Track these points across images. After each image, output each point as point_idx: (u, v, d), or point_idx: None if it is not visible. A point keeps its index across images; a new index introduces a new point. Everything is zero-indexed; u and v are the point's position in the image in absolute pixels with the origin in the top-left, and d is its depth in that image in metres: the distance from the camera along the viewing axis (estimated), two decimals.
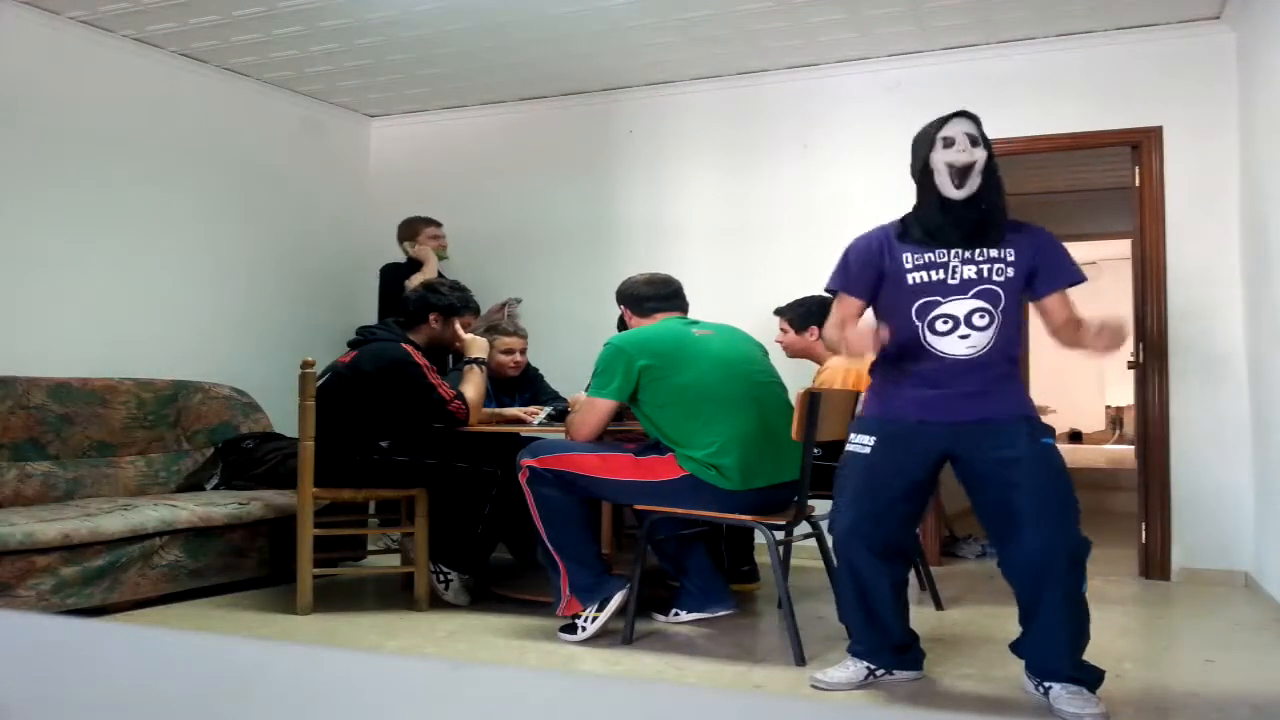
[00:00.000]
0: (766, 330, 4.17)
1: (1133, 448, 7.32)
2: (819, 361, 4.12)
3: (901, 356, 2.70)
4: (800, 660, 3.07)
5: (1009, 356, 2.68)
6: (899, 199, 5.00)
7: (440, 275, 4.74)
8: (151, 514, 3.78)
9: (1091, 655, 3.25)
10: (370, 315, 5.27)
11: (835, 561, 2.84)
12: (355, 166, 6.20)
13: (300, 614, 3.71)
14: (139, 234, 4.91)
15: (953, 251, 2.67)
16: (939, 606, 3.90)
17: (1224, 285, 4.50)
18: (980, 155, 2.64)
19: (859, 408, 2.95)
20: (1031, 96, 4.81)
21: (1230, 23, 4.45)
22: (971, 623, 3.70)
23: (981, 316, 2.63)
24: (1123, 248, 8.20)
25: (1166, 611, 4.05)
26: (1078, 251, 12.03)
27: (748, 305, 4.73)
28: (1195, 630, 3.73)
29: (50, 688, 0.51)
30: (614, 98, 5.64)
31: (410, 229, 5.23)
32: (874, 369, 2.84)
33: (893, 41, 4.85)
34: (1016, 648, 2.77)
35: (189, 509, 3.92)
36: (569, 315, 5.52)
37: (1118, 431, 11.45)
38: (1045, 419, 2.78)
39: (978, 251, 2.66)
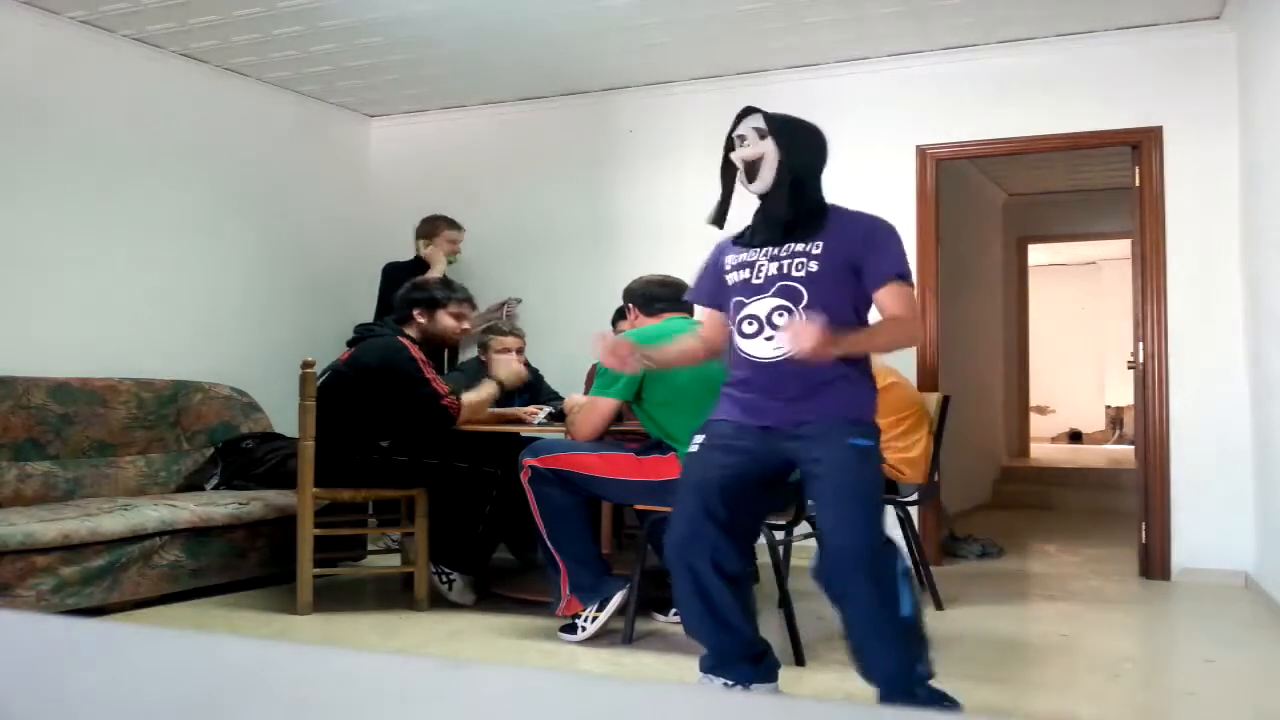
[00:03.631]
0: None
1: (1133, 448, 7.32)
2: None
3: (730, 362, 2.57)
4: (800, 660, 3.07)
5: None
6: (899, 199, 5.02)
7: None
8: (151, 514, 3.78)
9: (1093, 655, 3.26)
10: (370, 315, 5.27)
11: (671, 570, 2.57)
12: (355, 166, 6.20)
13: (300, 614, 3.71)
14: (139, 233, 4.91)
15: (764, 250, 2.52)
16: (939, 606, 3.90)
17: (1224, 285, 4.50)
18: (767, 147, 2.49)
19: None
20: (1031, 96, 4.81)
21: (1230, 23, 4.45)
22: (971, 623, 3.70)
23: (781, 315, 2.43)
24: (1123, 248, 8.22)
25: (1166, 611, 4.05)
26: (1078, 251, 12.04)
27: None
28: (1195, 630, 3.73)
29: (50, 688, 0.51)
30: (614, 98, 5.64)
31: (430, 227, 5.20)
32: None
33: (893, 41, 4.85)
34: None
35: (189, 509, 3.92)
36: (569, 315, 5.52)
37: (1118, 431, 11.44)
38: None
39: (785, 247, 2.49)
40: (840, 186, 5.11)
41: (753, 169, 2.51)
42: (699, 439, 2.57)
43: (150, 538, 3.74)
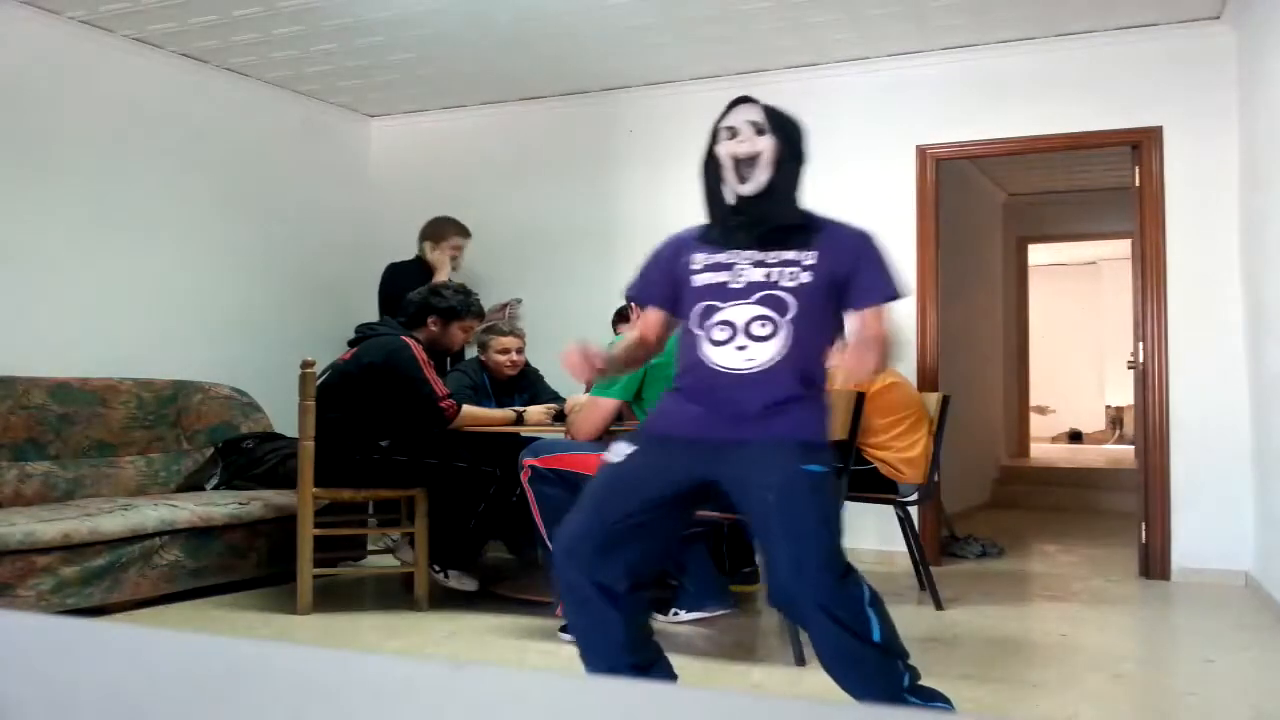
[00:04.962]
0: None
1: (1133, 448, 7.33)
2: None
3: (684, 369, 2.36)
4: (800, 660, 3.07)
5: (802, 376, 2.24)
6: (899, 199, 5.02)
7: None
8: (151, 514, 3.78)
9: (1093, 655, 3.26)
10: (370, 315, 5.26)
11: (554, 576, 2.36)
12: (355, 166, 6.20)
13: (300, 614, 3.71)
14: (139, 234, 4.91)
15: (745, 253, 2.31)
16: (939, 606, 3.90)
17: (1224, 285, 4.50)
18: (766, 144, 2.29)
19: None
20: (1031, 96, 4.81)
21: (1230, 23, 4.45)
22: (971, 623, 3.70)
23: (763, 325, 2.24)
24: (1123, 248, 8.23)
25: (1166, 611, 4.05)
26: (1078, 251, 12.04)
27: None
28: (1195, 630, 3.73)
29: (50, 688, 0.51)
30: (614, 98, 5.64)
31: (437, 231, 5.11)
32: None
33: (893, 41, 4.85)
34: None
35: (189, 509, 3.92)
36: (569, 315, 5.51)
37: (1118, 431, 11.44)
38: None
39: (771, 253, 2.29)
40: (840, 186, 5.14)
41: (746, 167, 2.30)
42: (626, 448, 2.34)
43: (150, 538, 3.74)
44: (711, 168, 2.38)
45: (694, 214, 6.23)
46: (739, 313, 2.26)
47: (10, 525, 3.37)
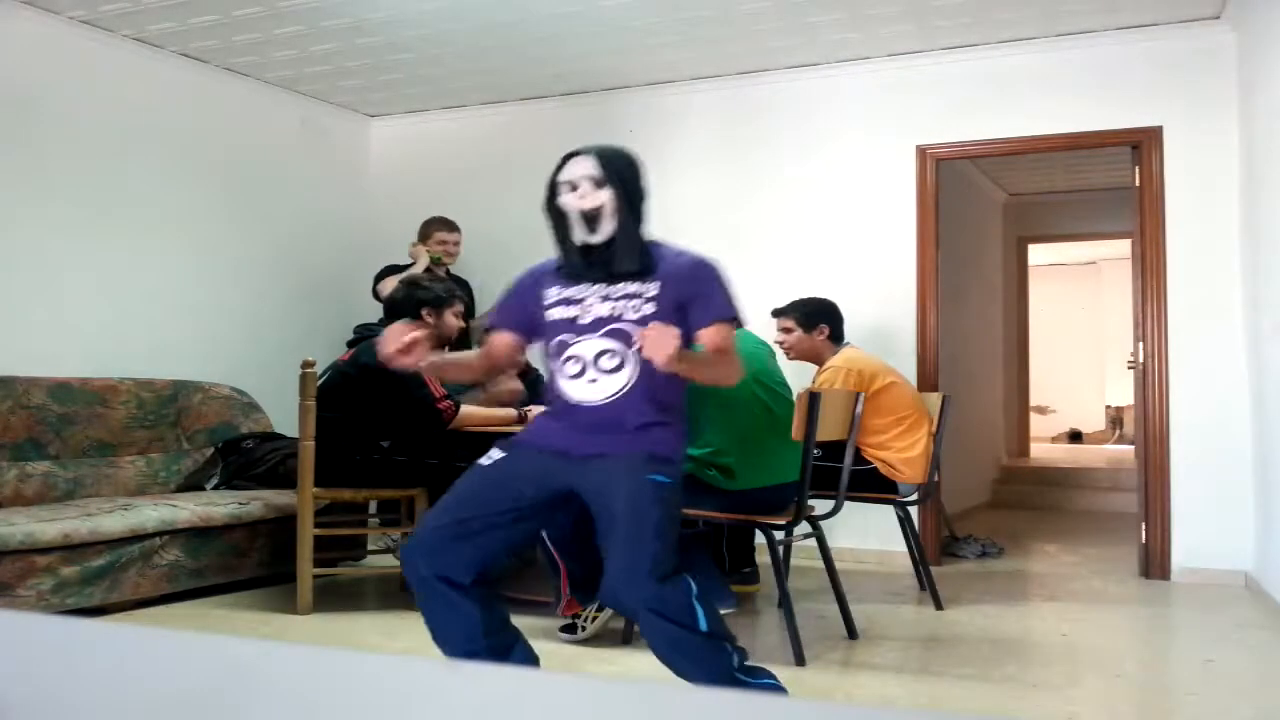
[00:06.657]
0: (766, 331, 4.17)
1: (1133, 448, 7.33)
2: (820, 362, 4.12)
3: (548, 398, 2.50)
4: (800, 660, 3.07)
5: (656, 403, 2.37)
6: (899, 199, 5.02)
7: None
8: (151, 514, 3.78)
9: (1093, 655, 3.26)
10: (370, 315, 5.26)
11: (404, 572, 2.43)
12: (355, 166, 6.20)
13: (300, 614, 3.71)
14: (139, 234, 4.91)
15: (594, 288, 2.42)
16: (939, 606, 3.90)
17: (1224, 285, 4.50)
18: (606, 196, 2.39)
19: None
20: (1032, 96, 4.81)
21: (1230, 23, 4.45)
22: (971, 623, 3.70)
23: (610, 358, 2.36)
24: (1123, 248, 8.23)
25: (1166, 611, 4.05)
26: (1078, 251, 12.03)
27: (747, 305, 4.71)
28: (1195, 630, 3.73)
29: (50, 688, 0.51)
30: (614, 98, 5.64)
31: (424, 229, 5.17)
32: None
33: (893, 41, 4.85)
34: None
35: (189, 509, 3.92)
36: None
37: (1118, 431, 11.45)
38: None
39: (618, 287, 2.40)
40: (840, 186, 5.15)
41: (592, 219, 2.40)
42: (498, 454, 2.45)
43: (150, 538, 3.74)
44: (556, 215, 2.49)
45: (694, 213, 6.23)
46: (587, 347, 2.39)
47: (10, 525, 3.37)
